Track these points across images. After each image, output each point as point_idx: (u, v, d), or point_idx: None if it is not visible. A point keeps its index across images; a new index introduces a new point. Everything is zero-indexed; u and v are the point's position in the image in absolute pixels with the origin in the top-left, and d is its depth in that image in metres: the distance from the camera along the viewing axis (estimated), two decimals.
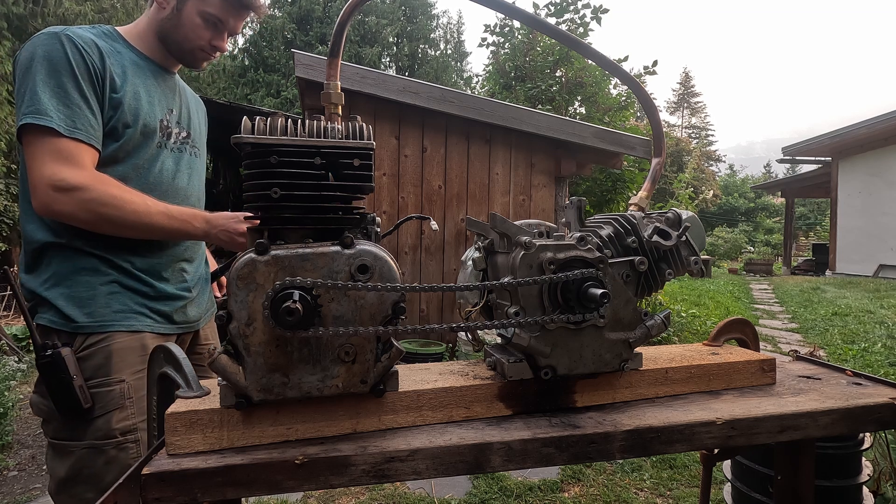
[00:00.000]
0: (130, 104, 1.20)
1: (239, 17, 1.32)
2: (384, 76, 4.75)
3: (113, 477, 1.11)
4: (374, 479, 0.78)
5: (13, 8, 12.33)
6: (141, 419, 1.16)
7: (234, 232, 1.22)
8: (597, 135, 5.04)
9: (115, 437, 1.13)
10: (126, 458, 1.14)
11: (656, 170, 1.17)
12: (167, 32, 1.29)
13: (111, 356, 1.15)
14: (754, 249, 24.64)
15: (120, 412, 1.14)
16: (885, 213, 12.03)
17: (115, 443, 1.13)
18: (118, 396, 1.14)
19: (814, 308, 7.93)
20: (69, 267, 1.16)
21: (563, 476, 2.77)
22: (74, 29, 1.17)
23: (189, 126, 1.40)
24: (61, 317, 1.14)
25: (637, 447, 0.88)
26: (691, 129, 53.09)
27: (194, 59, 1.34)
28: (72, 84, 1.12)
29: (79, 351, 1.13)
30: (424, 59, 26.27)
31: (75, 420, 1.12)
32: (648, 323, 0.97)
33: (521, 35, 9.28)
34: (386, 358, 0.81)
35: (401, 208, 4.78)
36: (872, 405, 1.00)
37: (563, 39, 1.16)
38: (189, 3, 1.26)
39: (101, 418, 1.12)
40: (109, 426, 1.13)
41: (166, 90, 1.33)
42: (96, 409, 1.12)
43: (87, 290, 1.16)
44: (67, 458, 1.12)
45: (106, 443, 1.12)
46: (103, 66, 1.17)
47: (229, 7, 1.29)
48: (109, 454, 1.13)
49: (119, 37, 1.27)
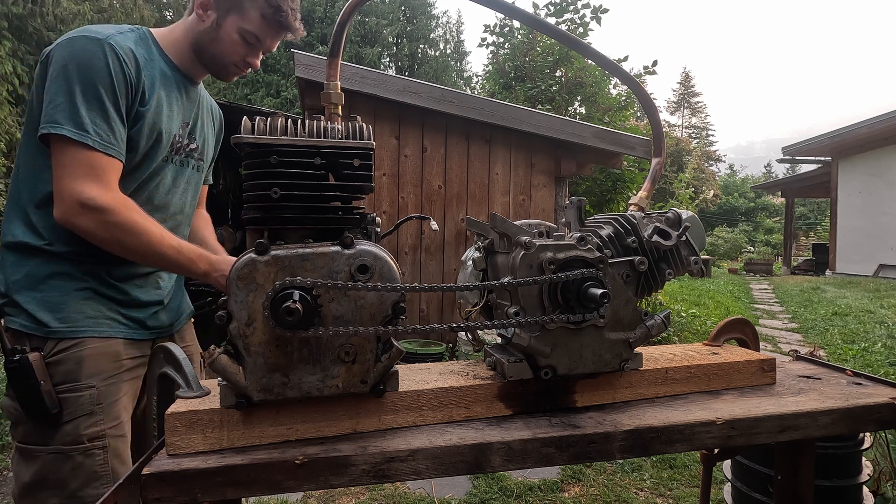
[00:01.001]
0: (151, 119, 1.21)
1: (277, 36, 1.32)
2: (384, 76, 4.75)
3: (78, 484, 1.11)
4: (374, 479, 0.78)
5: (12, 8, 12.33)
6: (110, 426, 1.16)
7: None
8: (597, 135, 5.04)
9: (82, 443, 1.12)
10: (92, 465, 1.13)
11: (656, 170, 1.17)
12: (204, 45, 1.28)
13: (82, 362, 1.14)
14: (754, 249, 24.64)
15: (89, 418, 1.13)
16: (885, 213, 12.03)
17: (83, 449, 1.12)
18: (87, 402, 1.13)
19: (814, 308, 7.93)
20: (45, 270, 1.15)
21: (563, 476, 2.77)
22: (117, 38, 1.16)
23: (200, 138, 1.40)
24: (33, 321, 1.13)
25: (637, 447, 0.88)
26: (691, 129, 53.10)
27: (227, 73, 1.35)
28: (110, 98, 1.12)
29: (49, 356, 1.12)
30: (424, 59, 26.28)
31: (44, 425, 1.11)
32: (648, 323, 0.97)
33: (521, 35, 9.28)
34: (386, 358, 0.81)
35: (401, 208, 4.78)
36: (872, 405, 1.00)
37: (563, 39, 1.16)
38: (229, 18, 1.26)
39: (70, 424, 1.12)
40: (77, 432, 1.12)
41: (187, 102, 1.33)
42: (65, 415, 1.11)
43: (60, 294, 1.15)
44: (33, 462, 1.11)
45: (73, 448, 1.12)
46: (138, 80, 1.17)
47: (268, 27, 1.29)
48: (76, 460, 1.12)
49: (153, 42, 1.27)
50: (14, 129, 12.20)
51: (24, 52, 12.79)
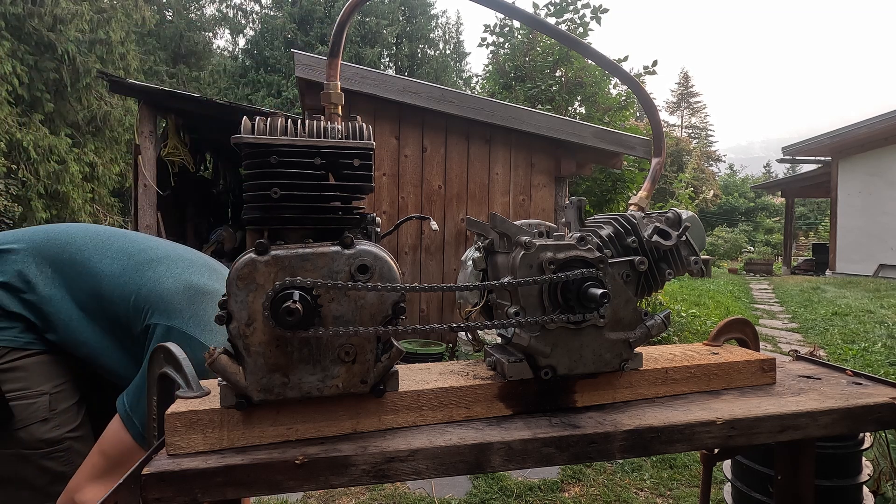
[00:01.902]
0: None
1: None
2: (384, 76, 4.75)
3: (45, 481, 1.13)
4: (374, 479, 0.78)
5: (10, 8, 12.32)
6: (68, 429, 1.16)
7: None
8: (597, 135, 5.04)
9: (40, 448, 1.13)
10: (56, 466, 1.14)
11: (656, 170, 1.17)
12: None
13: (30, 370, 1.14)
14: (754, 249, 24.63)
15: (43, 424, 1.14)
16: (885, 213, 12.02)
17: (43, 453, 1.13)
18: (40, 409, 1.14)
19: (814, 308, 7.93)
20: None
21: (563, 476, 2.77)
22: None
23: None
24: None
25: (637, 447, 0.88)
26: (691, 129, 53.09)
27: None
28: None
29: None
30: (424, 59, 26.29)
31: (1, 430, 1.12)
32: (648, 323, 0.97)
33: (521, 35, 9.28)
34: (386, 358, 0.81)
35: (401, 208, 4.78)
36: (872, 405, 1.00)
37: (563, 39, 1.16)
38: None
39: (23, 430, 1.12)
40: (33, 437, 1.12)
41: None
42: (16, 422, 1.12)
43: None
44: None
45: (32, 453, 1.12)
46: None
47: None
48: (38, 463, 1.13)
49: None
50: (14, 129, 12.19)
51: (23, 52, 12.78)
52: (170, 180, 5.61)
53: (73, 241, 1.23)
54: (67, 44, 13.36)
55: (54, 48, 13.24)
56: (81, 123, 14.61)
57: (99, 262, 1.20)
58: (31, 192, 12.64)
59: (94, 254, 1.21)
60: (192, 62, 22.18)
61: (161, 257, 1.24)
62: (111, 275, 1.18)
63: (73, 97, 14.27)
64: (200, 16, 24.21)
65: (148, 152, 4.90)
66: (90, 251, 1.22)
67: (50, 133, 13.30)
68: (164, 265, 1.22)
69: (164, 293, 1.17)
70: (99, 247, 1.23)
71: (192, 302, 1.17)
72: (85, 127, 14.74)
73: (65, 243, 1.22)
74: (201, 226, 7.25)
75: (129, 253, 1.23)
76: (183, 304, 1.16)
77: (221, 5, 24.92)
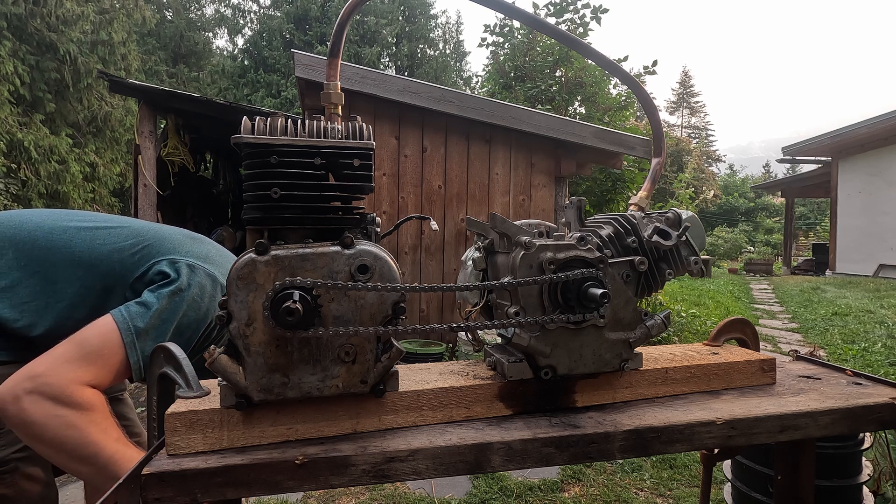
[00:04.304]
0: None
1: None
2: (384, 76, 4.75)
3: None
4: (374, 479, 0.78)
5: (12, 8, 12.33)
6: (13, 451, 1.12)
7: None
8: (597, 135, 5.04)
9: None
10: (2, 489, 1.11)
11: (656, 170, 1.17)
12: None
13: None
14: (754, 249, 24.62)
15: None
16: (885, 213, 12.02)
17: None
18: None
19: (814, 308, 7.93)
20: None
21: (563, 476, 2.77)
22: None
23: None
24: None
25: (637, 447, 0.88)
26: (691, 129, 53.10)
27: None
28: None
29: None
30: (424, 59, 26.29)
31: None
32: (648, 323, 0.97)
33: (521, 35, 9.28)
34: (386, 358, 0.81)
35: (401, 208, 4.78)
36: (872, 405, 1.00)
37: (563, 39, 1.16)
38: None
39: None
40: None
41: None
42: None
43: None
44: None
45: None
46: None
47: None
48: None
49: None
50: (14, 129, 12.20)
51: (24, 52, 12.80)
52: (170, 180, 5.61)
53: (28, 219, 1.22)
54: (69, 44, 13.39)
55: (56, 48, 13.26)
56: (82, 123, 14.64)
57: (69, 226, 1.21)
58: (32, 191, 12.66)
59: (59, 222, 1.22)
60: (192, 62, 22.21)
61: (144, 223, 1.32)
62: (89, 238, 1.20)
63: (74, 97, 14.29)
64: (200, 16, 24.23)
65: (148, 152, 4.90)
66: (56, 219, 1.23)
67: (51, 133, 13.32)
68: (156, 225, 1.31)
69: (165, 235, 1.24)
70: (63, 216, 1.26)
71: (194, 241, 1.27)
72: (86, 127, 14.76)
73: (19, 223, 1.20)
74: (201, 226, 7.25)
75: (104, 217, 1.29)
76: (186, 242, 1.24)
77: (220, 5, 24.95)
